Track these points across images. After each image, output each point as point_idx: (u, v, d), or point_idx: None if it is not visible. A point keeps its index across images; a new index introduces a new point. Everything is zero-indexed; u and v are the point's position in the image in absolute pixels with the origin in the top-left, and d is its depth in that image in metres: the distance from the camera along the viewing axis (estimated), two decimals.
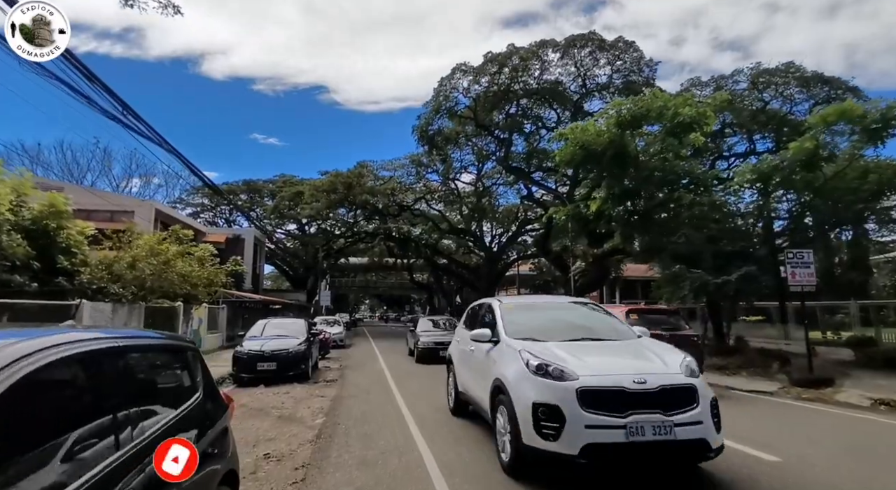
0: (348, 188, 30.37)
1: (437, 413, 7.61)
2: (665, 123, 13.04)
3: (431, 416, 7.33)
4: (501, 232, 43.07)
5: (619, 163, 13.62)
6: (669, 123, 12.69)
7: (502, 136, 25.09)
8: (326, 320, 25.16)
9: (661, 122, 13.03)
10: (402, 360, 16.79)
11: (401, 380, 11.44)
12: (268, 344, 11.28)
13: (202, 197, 47.44)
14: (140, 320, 13.99)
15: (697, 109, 12.66)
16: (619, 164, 13.64)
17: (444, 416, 7.41)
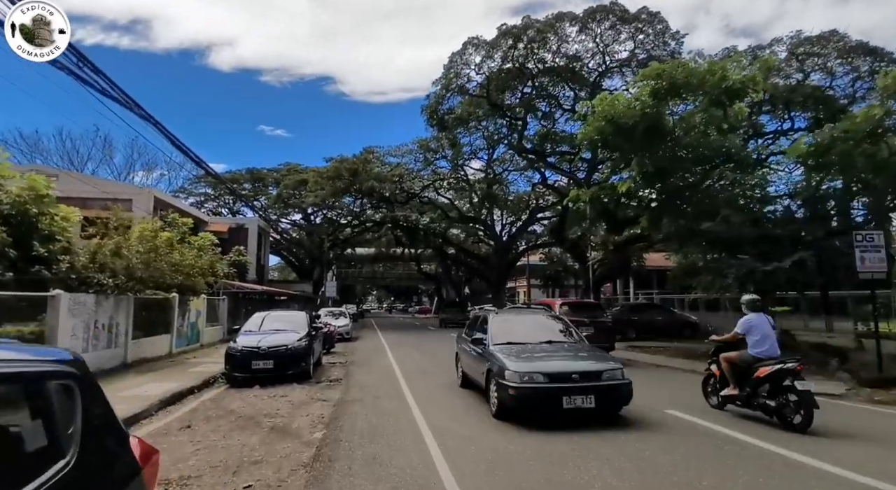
0: (354, 175, 29.11)
1: (458, 424, 6.39)
2: (707, 92, 11.58)
3: (453, 430, 6.10)
4: (512, 220, 41.69)
5: (652, 138, 12.22)
6: (715, 89, 11.24)
7: (517, 117, 23.62)
8: (332, 312, 24.04)
9: (704, 89, 11.57)
10: (411, 354, 15.62)
11: (412, 378, 10.24)
12: (265, 339, 10.10)
13: (205, 186, 46.38)
14: (129, 313, 12.87)
15: (746, 75, 11.20)
16: (653, 140, 12.24)
17: (468, 429, 6.18)
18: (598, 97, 12.79)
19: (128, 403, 7.27)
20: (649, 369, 12.17)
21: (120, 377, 10.21)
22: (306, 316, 11.79)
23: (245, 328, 11.09)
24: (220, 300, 22.09)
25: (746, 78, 11.26)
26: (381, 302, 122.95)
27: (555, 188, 27.88)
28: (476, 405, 7.60)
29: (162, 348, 15.00)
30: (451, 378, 10.15)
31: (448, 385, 9.39)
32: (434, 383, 9.67)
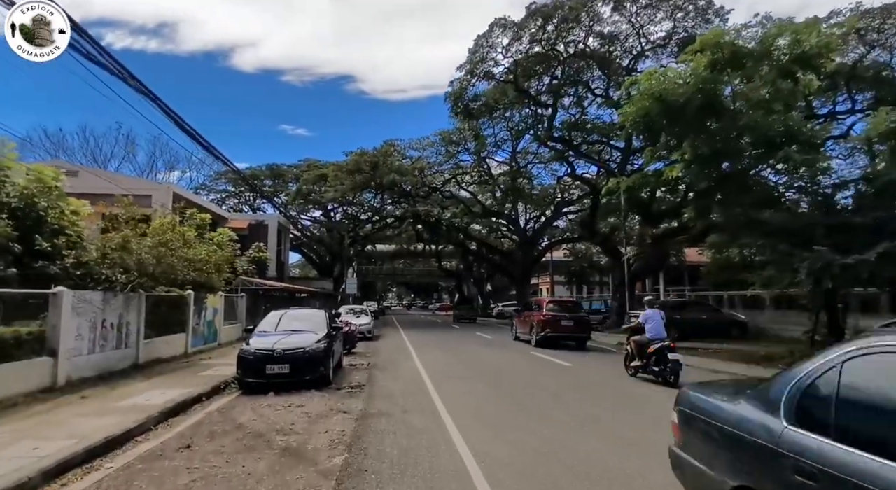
0: (374, 168, 28.18)
1: (511, 450, 5.29)
2: (775, 62, 10.17)
3: (501, 458, 5.01)
4: (538, 215, 40.31)
5: (706, 117, 10.86)
6: (787, 57, 9.83)
7: (545, 104, 22.29)
8: (352, 310, 23.18)
9: (772, 59, 10.17)
10: (437, 354, 14.60)
11: (443, 385, 9.19)
12: (280, 341, 9.16)
13: (226, 183, 46.19)
14: (140, 312, 12.12)
15: (821, 40, 9.76)
16: (707, 119, 10.89)
17: (521, 456, 5.09)
18: (644, 72, 11.47)
19: (123, 416, 6.38)
20: (710, 376, 10.88)
21: (127, 381, 9.41)
22: (325, 315, 10.83)
23: (259, 329, 10.18)
24: (239, 297, 21.43)
25: (821, 42, 9.81)
26: (400, 298, 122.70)
27: (584, 180, 26.46)
28: (522, 419, 6.52)
29: (177, 348, 14.30)
30: (485, 385, 9.08)
31: (484, 394, 8.33)
32: (467, 391, 8.61)
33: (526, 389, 8.73)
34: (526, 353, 14.98)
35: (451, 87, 21.89)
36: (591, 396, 8.22)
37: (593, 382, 9.73)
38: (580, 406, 7.45)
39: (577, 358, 13.78)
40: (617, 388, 9.03)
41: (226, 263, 15.36)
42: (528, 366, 12.20)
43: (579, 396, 8.18)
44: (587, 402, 7.75)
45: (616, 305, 23.98)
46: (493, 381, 9.63)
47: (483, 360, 13.36)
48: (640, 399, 8.18)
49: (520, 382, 9.50)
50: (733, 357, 13.34)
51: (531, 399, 7.92)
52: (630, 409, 7.43)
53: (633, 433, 6.00)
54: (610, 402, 7.86)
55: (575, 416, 6.80)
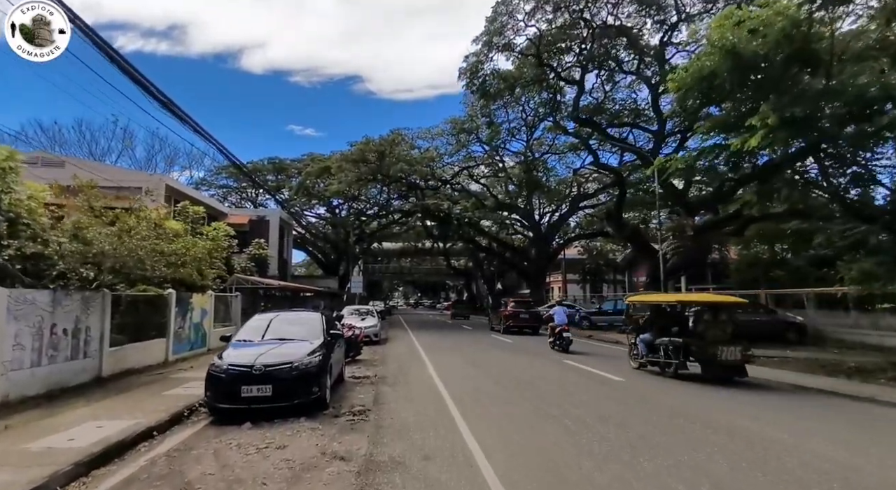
0: (380, 158, 26.10)
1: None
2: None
3: None
4: (553, 210, 38.12)
5: (798, 72, 8.70)
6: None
7: (573, 78, 20.06)
8: (358, 310, 21.15)
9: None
10: (454, 362, 12.53)
11: (471, 409, 7.09)
12: (263, 354, 7.11)
13: (227, 178, 44.38)
14: (104, 314, 10.15)
15: None
16: (798, 74, 8.72)
17: None
18: (717, 16, 9.28)
19: (14, 474, 4.35)
20: (799, 395, 8.71)
21: (76, 401, 7.45)
22: (322, 318, 8.76)
23: (238, 337, 8.12)
24: (233, 297, 19.44)
25: None
26: (407, 298, 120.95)
27: (610, 168, 24.24)
28: (595, 472, 4.41)
29: (155, 355, 12.37)
30: (525, 407, 6.97)
31: (527, 423, 6.22)
32: (503, 418, 6.49)
33: (583, 418, 6.62)
34: (559, 363, 12.86)
35: (466, 62, 19.80)
36: (670, 429, 6.11)
37: (655, 404, 7.61)
38: (673, 450, 5.33)
39: (616, 366, 11.65)
40: (696, 416, 6.91)
41: (208, 257, 13.32)
42: (567, 379, 10.09)
43: (656, 430, 6.07)
44: (683, 446, 5.62)
45: None
46: (533, 401, 7.55)
47: (509, 369, 11.27)
48: (746, 437, 6.06)
49: (567, 403, 7.40)
50: (811, 368, 11.15)
51: (589, 432, 5.81)
52: (751, 460, 5.28)
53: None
54: (717, 449, 5.73)
55: (682, 477, 4.70)
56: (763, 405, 7.62)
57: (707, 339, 10.09)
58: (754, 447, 5.39)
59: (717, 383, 9.37)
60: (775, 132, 8.83)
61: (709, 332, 10.22)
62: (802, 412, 7.24)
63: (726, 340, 10.05)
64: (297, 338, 7.89)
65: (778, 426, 6.26)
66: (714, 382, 9.38)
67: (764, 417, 6.69)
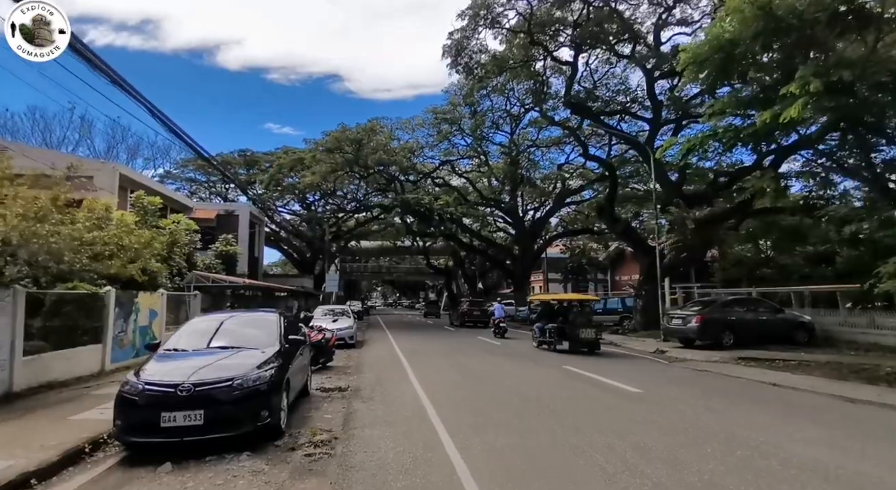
0: (357, 147, 24.31)
1: None
2: None
3: None
4: (538, 206, 36.88)
5: (843, 31, 7.43)
6: None
7: (564, 61, 18.71)
8: (332, 311, 19.37)
9: None
10: (440, 368, 10.96)
11: (471, 437, 5.52)
12: (195, 369, 5.40)
13: (194, 171, 41.80)
14: (15, 317, 8.29)
15: None
16: (843, 34, 7.46)
17: None
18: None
19: None
20: (857, 408, 7.41)
21: None
22: (279, 321, 7.05)
23: (169, 345, 6.35)
24: (192, 297, 17.44)
25: None
26: (385, 298, 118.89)
27: (601, 160, 23.03)
28: None
29: (88, 365, 10.51)
30: (538, 436, 5.44)
31: (549, 461, 4.67)
32: (518, 452, 4.92)
33: (615, 448, 5.13)
34: (557, 368, 11.42)
35: (451, 40, 18.19)
36: (719, 458, 4.67)
37: (689, 426, 6.22)
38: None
39: (624, 373, 10.27)
40: (743, 439, 5.51)
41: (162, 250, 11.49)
42: (575, 390, 8.65)
43: (723, 467, 4.62)
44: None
45: (641, 304, 20.61)
46: (544, 423, 6.04)
47: (504, 379, 9.77)
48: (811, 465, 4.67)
49: (587, 426, 5.92)
50: (842, 374, 9.95)
51: (631, 472, 4.32)
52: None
53: None
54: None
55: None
56: (837, 428, 6.27)
57: (575, 324, 14.82)
58: None
59: (736, 397, 8.01)
60: (818, 100, 7.56)
61: (576, 320, 15.07)
62: (878, 432, 5.91)
63: (586, 326, 14.83)
64: (245, 346, 6.20)
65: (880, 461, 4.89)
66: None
67: (852, 448, 5.29)
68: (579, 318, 15.08)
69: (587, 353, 14.22)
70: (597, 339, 14.52)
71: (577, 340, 14.38)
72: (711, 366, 11.75)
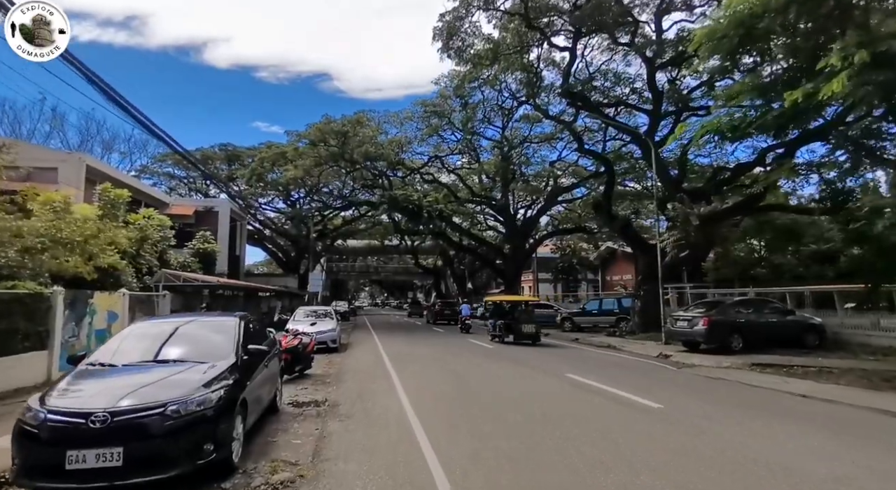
0: (343, 140, 23.05)
1: None
2: None
3: None
4: (529, 204, 35.93)
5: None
6: None
7: (561, 47, 17.71)
8: (315, 312, 18.11)
9: None
10: (431, 377, 9.86)
11: (471, 478, 4.46)
12: (120, 391, 4.22)
13: (172, 165, 40.04)
14: None
15: None
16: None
17: None
18: None
19: None
20: (882, 422, 6.48)
21: None
22: (238, 327, 5.86)
23: (93, 359, 5.13)
24: (160, 297, 16.07)
25: None
26: (374, 298, 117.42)
27: (597, 154, 22.12)
28: None
29: (32, 374, 9.41)
30: (559, 472, 4.36)
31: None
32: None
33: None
34: (558, 376, 10.37)
35: (441, 21, 17.07)
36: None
37: (736, 455, 5.21)
38: None
39: (638, 383, 9.29)
40: (807, 474, 4.52)
41: (88, 242, 10.25)
42: (584, 403, 7.62)
43: None
44: None
45: (639, 305, 19.71)
46: (561, 452, 4.98)
47: (503, 389, 8.70)
48: None
49: (615, 458, 4.87)
50: (872, 382, 9.07)
51: None
52: None
53: None
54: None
55: None
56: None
57: (519, 321, 17.54)
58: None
59: (745, 412, 7.03)
60: (862, 74, 6.61)
61: (520, 317, 17.82)
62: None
63: (528, 322, 17.46)
64: (191, 359, 5.03)
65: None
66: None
67: None
68: (523, 316, 18.04)
69: (530, 344, 16.63)
70: (536, 332, 17.02)
71: (520, 334, 17.02)
72: (724, 372, 10.82)
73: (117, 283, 13.51)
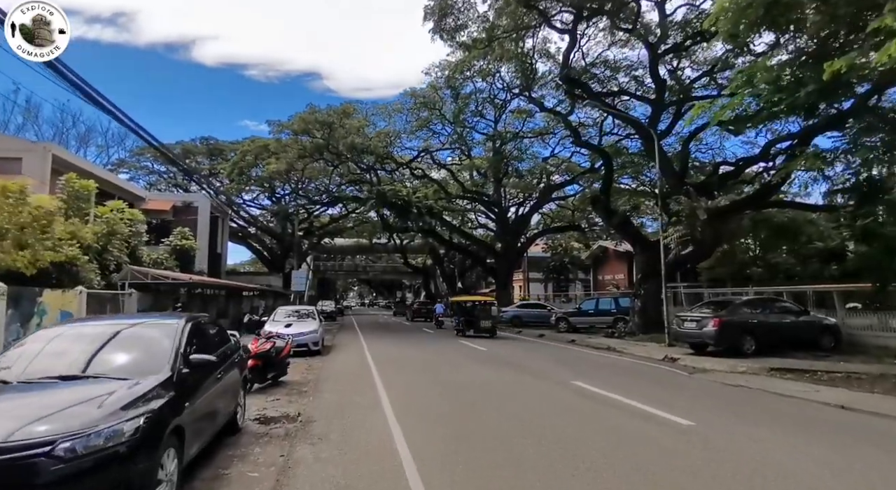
0: (328, 131, 21.83)
1: None
2: None
3: None
4: (521, 201, 34.97)
5: None
6: None
7: (561, 30, 16.71)
8: (297, 312, 16.91)
9: None
10: (421, 387, 8.79)
11: None
12: (1, 427, 3.09)
13: (151, 159, 38.42)
14: None
15: None
16: None
17: None
18: None
19: None
20: None
21: None
22: (180, 331, 4.68)
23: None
24: (125, 296, 14.77)
25: None
26: (362, 297, 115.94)
27: (595, 146, 21.19)
28: None
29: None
30: None
31: None
32: None
33: None
34: (564, 385, 9.33)
35: (431, 1, 15.92)
36: None
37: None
38: None
39: (652, 393, 8.29)
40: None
41: (22, 231, 9.07)
42: (599, 418, 6.59)
43: None
44: None
45: (639, 304, 18.80)
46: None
47: (506, 403, 7.63)
48: None
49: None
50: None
51: None
52: None
53: None
54: None
55: None
56: None
57: (478, 317, 20.44)
58: None
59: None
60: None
61: (479, 314, 20.71)
62: None
63: (486, 318, 20.35)
64: (108, 374, 3.88)
65: None
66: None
67: None
68: (481, 313, 20.98)
69: (489, 337, 19.37)
70: (493, 326, 20.18)
71: (479, 328, 20.02)
72: (742, 378, 9.88)
73: (76, 279, 12.32)
